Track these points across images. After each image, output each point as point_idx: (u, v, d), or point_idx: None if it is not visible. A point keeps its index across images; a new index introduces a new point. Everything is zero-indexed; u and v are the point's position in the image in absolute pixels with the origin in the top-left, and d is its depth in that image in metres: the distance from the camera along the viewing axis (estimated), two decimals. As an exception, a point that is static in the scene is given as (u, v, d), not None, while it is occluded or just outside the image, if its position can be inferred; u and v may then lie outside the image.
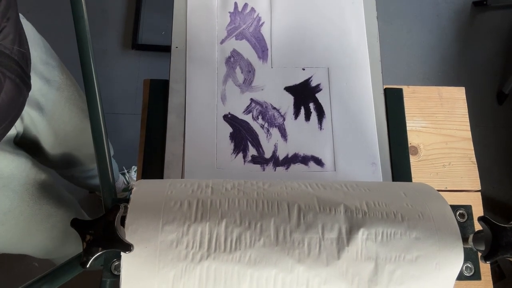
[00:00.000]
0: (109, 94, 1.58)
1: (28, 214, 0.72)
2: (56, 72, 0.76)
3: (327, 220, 0.45)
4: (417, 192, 0.50)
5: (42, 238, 0.80)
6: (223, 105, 0.68)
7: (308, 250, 0.43)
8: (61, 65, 0.79)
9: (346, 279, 0.44)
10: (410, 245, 0.44)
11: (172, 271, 0.43)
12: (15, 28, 0.58)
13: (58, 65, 0.78)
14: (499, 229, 0.43)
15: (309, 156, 0.66)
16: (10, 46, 0.57)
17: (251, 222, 0.44)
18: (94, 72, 0.62)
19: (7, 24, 0.55)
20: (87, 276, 0.84)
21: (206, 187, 0.49)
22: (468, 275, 0.49)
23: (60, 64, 0.79)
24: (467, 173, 0.71)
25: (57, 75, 0.76)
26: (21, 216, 0.71)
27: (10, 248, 0.80)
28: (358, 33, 0.73)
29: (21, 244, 0.79)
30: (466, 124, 0.73)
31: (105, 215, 0.41)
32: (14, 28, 0.58)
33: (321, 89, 0.70)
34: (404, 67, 1.72)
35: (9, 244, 0.76)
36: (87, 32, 0.63)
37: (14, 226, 0.71)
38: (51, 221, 0.79)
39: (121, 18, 1.68)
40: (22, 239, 0.76)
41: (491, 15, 1.80)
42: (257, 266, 0.43)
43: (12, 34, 0.57)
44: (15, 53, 0.59)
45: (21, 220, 0.71)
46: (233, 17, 0.73)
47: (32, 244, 0.81)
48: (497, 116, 1.67)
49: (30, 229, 0.75)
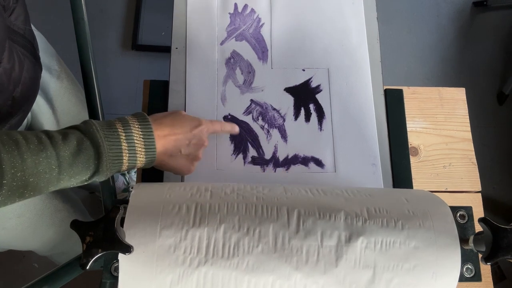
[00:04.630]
0: (109, 95, 1.58)
1: (40, 208, 0.74)
2: (54, 61, 0.76)
3: (326, 227, 0.45)
4: (420, 199, 0.50)
5: (51, 232, 0.81)
6: (223, 106, 0.68)
7: (306, 258, 0.43)
8: (57, 55, 0.79)
9: (343, 286, 0.43)
10: (408, 254, 0.44)
11: (169, 276, 0.43)
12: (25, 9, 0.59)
13: (55, 54, 0.78)
14: (499, 230, 0.42)
15: (309, 157, 0.66)
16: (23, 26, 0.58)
17: (250, 228, 0.44)
18: (94, 72, 0.62)
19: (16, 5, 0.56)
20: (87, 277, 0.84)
21: (205, 191, 0.48)
22: (468, 277, 0.49)
23: (56, 53, 0.79)
24: (468, 174, 0.71)
25: (56, 64, 0.77)
26: (34, 209, 0.72)
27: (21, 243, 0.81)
28: (358, 34, 0.73)
29: (33, 237, 0.80)
30: (466, 125, 0.73)
31: (105, 217, 0.41)
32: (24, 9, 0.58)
33: (321, 90, 0.70)
34: (404, 68, 1.71)
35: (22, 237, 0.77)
36: (87, 33, 0.63)
37: (28, 220, 0.73)
38: (59, 216, 0.80)
39: (121, 19, 1.68)
40: (34, 232, 0.78)
41: (491, 15, 1.79)
42: (254, 273, 0.43)
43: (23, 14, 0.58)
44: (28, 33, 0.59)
45: (34, 213, 0.73)
46: (233, 18, 0.73)
47: (42, 238, 0.82)
48: (497, 117, 1.67)
49: (42, 222, 0.77)
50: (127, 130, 0.46)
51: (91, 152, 0.43)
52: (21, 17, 0.57)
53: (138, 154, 0.47)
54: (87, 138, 0.43)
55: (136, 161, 0.47)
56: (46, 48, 0.75)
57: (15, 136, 0.40)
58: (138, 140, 0.47)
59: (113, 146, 0.45)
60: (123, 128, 0.46)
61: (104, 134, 0.44)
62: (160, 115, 0.51)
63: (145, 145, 0.47)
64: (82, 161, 0.43)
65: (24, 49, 0.58)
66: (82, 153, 0.42)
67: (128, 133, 0.46)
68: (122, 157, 0.46)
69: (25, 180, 0.39)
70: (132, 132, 0.47)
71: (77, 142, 0.42)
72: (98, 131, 0.44)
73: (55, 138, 0.42)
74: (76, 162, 0.42)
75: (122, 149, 0.46)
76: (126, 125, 0.47)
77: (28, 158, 0.39)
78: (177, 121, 0.51)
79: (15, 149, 0.38)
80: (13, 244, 0.80)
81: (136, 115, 0.49)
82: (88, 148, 0.43)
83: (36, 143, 0.40)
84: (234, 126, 0.63)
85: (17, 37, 0.56)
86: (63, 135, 0.42)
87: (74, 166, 0.42)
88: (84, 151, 0.43)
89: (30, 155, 0.39)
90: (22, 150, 0.39)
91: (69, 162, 0.42)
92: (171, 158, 0.51)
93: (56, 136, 0.42)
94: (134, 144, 0.46)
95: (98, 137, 0.44)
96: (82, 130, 0.44)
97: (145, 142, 0.47)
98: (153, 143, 0.48)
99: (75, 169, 0.42)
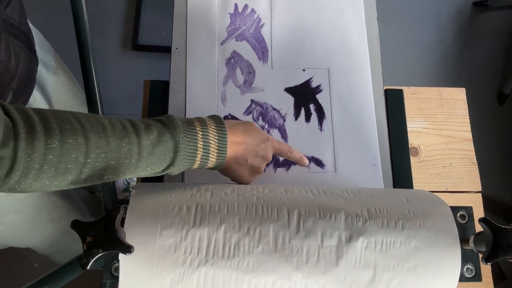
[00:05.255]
0: (109, 95, 1.58)
1: (39, 204, 0.74)
2: (51, 56, 0.76)
3: (327, 227, 0.45)
4: (420, 199, 0.50)
5: (50, 228, 0.81)
6: (223, 106, 0.68)
7: (306, 258, 0.43)
8: (53, 50, 0.79)
9: (343, 286, 0.43)
10: (409, 254, 0.44)
11: (170, 276, 0.43)
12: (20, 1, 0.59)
13: (52, 50, 0.78)
14: (499, 230, 0.42)
15: (310, 157, 0.66)
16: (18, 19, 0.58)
17: (250, 228, 0.44)
18: (94, 72, 0.62)
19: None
20: (87, 277, 0.84)
21: (205, 191, 0.48)
22: (469, 277, 0.49)
23: (52, 49, 0.79)
24: (468, 174, 0.71)
25: (52, 59, 0.77)
26: (33, 205, 0.73)
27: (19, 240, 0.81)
28: (358, 34, 0.73)
29: (31, 234, 0.80)
30: (466, 125, 0.73)
31: (105, 217, 0.41)
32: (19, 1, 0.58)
33: (321, 90, 0.70)
34: (404, 68, 1.71)
35: (20, 233, 0.77)
36: (87, 33, 0.63)
37: (27, 215, 0.73)
38: (58, 212, 0.80)
39: (121, 19, 1.68)
40: (33, 228, 0.78)
41: (491, 15, 1.79)
42: (255, 273, 0.43)
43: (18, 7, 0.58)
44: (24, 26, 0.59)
45: (33, 209, 0.73)
46: (233, 18, 0.73)
47: (40, 235, 0.82)
48: (497, 117, 1.67)
49: (40, 218, 0.77)
50: (204, 130, 0.48)
51: (170, 145, 0.45)
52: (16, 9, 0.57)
53: (210, 155, 0.49)
54: (168, 131, 0.45)
55: (208, 160, 0.49)
56: (42, 44, 0.75)
57: (102, 120, 0.42)
58: (213, 141, 0.49)
59: (190, 142, 0.47)
60: (201, 127, 0.48)
61: (183, 129, 0.46)
62: (234, 122, 0.53)
63: (218, 147, 0.49)
64: (160, 153, 0.44)
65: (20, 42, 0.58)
66: (161, 145, 0.44)
67: (205, 132, 0.48)
68: (196, 155, 0.48)
69: (107, 162, 0.41)
70: (209, 132, 0.48)
71: (158, 134, 0.44)
72: (179, 126, 0.46)
73: (138, 127, 0.44)
74: (154, 152, 0.44)
75: (198, 147, 0.47)
76: (204, 125, 0.48)
77: (113, 142, 0.41)
78: (249, 132, 0.52)
79: (102, 131, 0.41)
80: (11, 240, 0.80)
81: (213, 117, 0.51)
82: (167, 141, 0.45)
83: (120, 128, 0.42)
84: (303, 158, 0.60)
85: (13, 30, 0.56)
86: (145, 125, 0.44)
87: (152, 156, 0.44)
88: (164, 143, 0.44)
89: (114, 139, 0.41)
90: (108, 133, 0.41)
91: (148, 151, 0.43)
92: (237, 166, 0.53)
93: (139, 125, 0.44)
94: (209, 144, 0.48)
95: (178, 131, 0.46)
96: (164, 123, 0.46)
97: (219, 144, 0.49)
98: (225, 146, 0.49)
99: (153, 159, 0.44)
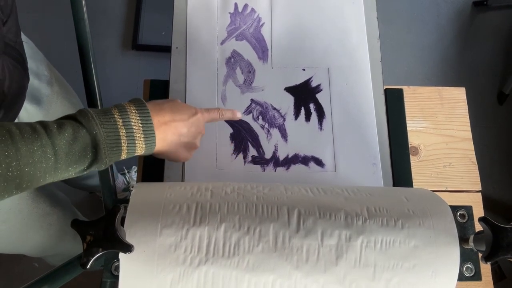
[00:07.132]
0: (109, 95, 1.57)
1: (27, 213, 0.73)
2: (43, 66, 0.76)
3: (327, 226, 0.45)
4: (420, 197, 0.50)
5: (39, 236, 0.80)
6: (223, 106, 0.68)
7: (306, 257, 0.43)
8: (46, 60, 0.79)
9: (343, 285, 0.44)
10: (408, 253, 0.44)
11: (170, 275, 0.43)
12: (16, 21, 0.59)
13: (44, 60, 0.78)
14: (499, 229, 0.42)
15: (310, 157, 0.66)
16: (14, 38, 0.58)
17: (250, 227, 0.44)
18: (94, 72, 0.62)
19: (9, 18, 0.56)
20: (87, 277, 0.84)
21: (205, 190, 0.48)
22: (468, 276, 0.49)
23: (45, 59, 0.78)
24: (468, 174, 0.71)
25: (45, 69, 0.76)
26: (20, 214, 0.71)
27: (9, 248, 0.80)
28: (358, 34, 0.73)
29: (21, 242, 0.79)
30: (466, 124, 0.73)
31: (105, 216, 0.41)
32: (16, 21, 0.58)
33: (321, 90, 0.70)
34: (404, 68, 1.71)
35: (10, 242, 0.76)
36: (87, 32, 0.63)
37: (14, 225, 0.72)
38: (48, 220, 0.79)
39: (121, 18, 1.68)
40: (22, 237, 0.77)
41: (491, 15, 1.79)
42: (255, 272, 0.43)
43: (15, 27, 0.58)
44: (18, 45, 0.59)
45: (20, 218, 0.72)
46: (233, 18, 0.73)
47: (30, 242, 0.81)
48: (497, 116, 1.67)
49: (29, 227, 0.75)
50: (124, 116, 0.45)
51: (88, 140, 0.43)
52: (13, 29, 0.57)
53: (137, 141, 0.46)
54: (83, 126, 0.43)
55: (136, 147, 0.47)
56: (34, 54, 0.73)
57: (8, 126, 0.39)
58: (136, 126, 0.46)
59: (110, 133, 0.44)
60: (120, 114, 0.45)
61: (100, 121, 0.44)
62: (159, 101, 0.51)
63: (144, 131, 0.47)
64: (79, 150, 0.42)
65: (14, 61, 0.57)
66: (78, 142, 0.42)
67: (125, 119, 0.45)
68: (120, 144, 0.45)
69: (20, 170, 0.38)
70: (130, 118, 0.46)
71: (73, 130, 0.42)
72: (94, 119, 0.43)
73: (49, 127, 0.41)
74: (72, 150, 0.41)
75: (120, 136, 0.45)
76: (123, 111, 0.46)
77: (23, 147, 0.38)
78: (176, 109, 0.50)
79: (9, 139, 0.38)
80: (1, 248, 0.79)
81: (133, 100, 0.48)
82: (84, 136, 0.42)
83: (30, 132, 0.40)
84: (235, 112, 0.59)
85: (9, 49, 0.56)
86: (58, 124, 0.42)
87: (70, 154, 0.41)
88: (80, 139, 0.42)
89: (24, 144, 0.39)
90: (16, 139, 0.38)
91: (65, 151, 0.41)
92: (171, 145, 0.51)
93: (51, 125, 0.41)
94: (132, 130, 0.46)
95: (94, 124, 0.43)
96: (77, 118, 0.43)
97: (143, 128, 0.46)
98: (151, 129, 0.47)
99: (72, 157, 0.42)
